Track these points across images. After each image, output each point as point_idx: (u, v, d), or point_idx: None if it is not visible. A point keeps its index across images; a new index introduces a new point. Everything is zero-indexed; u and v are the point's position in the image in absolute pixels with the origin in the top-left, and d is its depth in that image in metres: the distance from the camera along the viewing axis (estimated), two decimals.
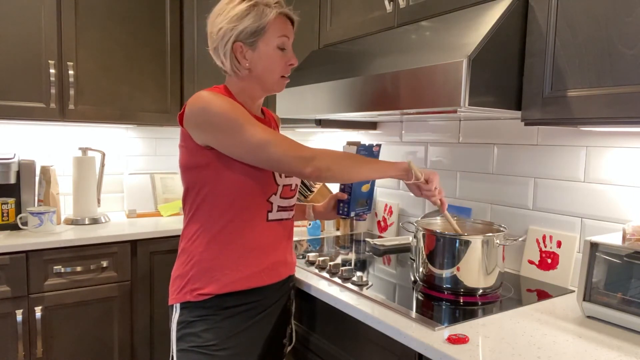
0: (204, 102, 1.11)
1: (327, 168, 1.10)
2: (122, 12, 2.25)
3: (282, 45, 1.21)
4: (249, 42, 1.18)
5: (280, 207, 1.26)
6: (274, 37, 1.19)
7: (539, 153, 1.52)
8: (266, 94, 1.28)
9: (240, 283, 1.19)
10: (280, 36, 1.20)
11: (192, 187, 1.20)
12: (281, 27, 1.20)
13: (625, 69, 0.99)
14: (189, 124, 1.14)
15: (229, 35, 1.17)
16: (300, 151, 1.10)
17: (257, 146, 1.09)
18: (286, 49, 1.23)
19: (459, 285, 1.29)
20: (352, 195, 1.41)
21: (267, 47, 1.19)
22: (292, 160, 1.09)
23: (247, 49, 1.19)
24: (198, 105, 1.11)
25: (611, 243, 1.09)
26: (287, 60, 1.23)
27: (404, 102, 1.26)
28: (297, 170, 1.10)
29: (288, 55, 1.23)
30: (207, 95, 1.12)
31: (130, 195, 2.53)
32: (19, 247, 1.82)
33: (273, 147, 1.08)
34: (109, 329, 2.05)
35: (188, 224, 1.22)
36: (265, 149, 1.09)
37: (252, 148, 1.09)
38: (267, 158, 1.09)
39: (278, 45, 1.20)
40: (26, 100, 2.03)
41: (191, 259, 1.19)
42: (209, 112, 1.10)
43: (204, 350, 1.16)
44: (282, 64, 1.23)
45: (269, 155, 1.09)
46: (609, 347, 0.99)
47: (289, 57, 1.24)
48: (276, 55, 1.21)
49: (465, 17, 1.26)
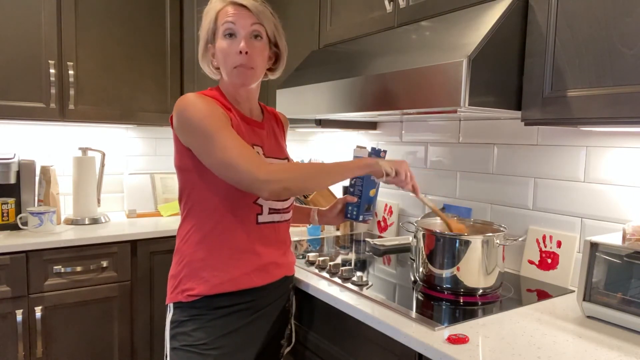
0: (184, 105, 1.10)
1: (284, 188, 1.05)
2: (122, 12, 2.25)
3: (228, 31, 1.15)
4: (212, 41, 1.20)
5: (272, 209, 1.23)
6: (221, 27, 1.16)
7: (539, 153, 1.52)
8: (237, 89, 1.23)
9: (229, 284, 1.18)
10: (223, 23, 1.15)
11: (184, 187, 1.20)
12: (225, 14, 1.16)
13: (625, 69, 0.99)
14: (175, 126, 1.14)
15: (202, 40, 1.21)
16: (257, 173, 1.04)
17: (223, 165, 1.06)
18: (235, 35, 1.16)
19: (459, 285, 1.29)
20: (362, 199, 1.40)
21: (219, 40, 1.18)
22: (250, 183, 1.05)
23: (213, 49, 1.21)
24: (179, 107, 1.11)
25: (611, 243, 1.09)
26: (235, 48, 1.16)
27: (404, 102, 1.26)
28: (256, 194, 1.07)
29: (235, 41, 1.16)
30: (190, 97, 1.12)
31: (130, 195, 2.53)
32: (19, 247, 1.82)
33: (235, 169, 1.04)
34: (109, 329, 2.05)
35: (182, 224, 1.23)
36: (229, 169, 1.05)
37: (218, 165, 1.06)
38: (230, 179, 1.06)
39: (223, 33, 1.16)
40: (26, 100, 2.03)
41: (183, 259, 1.19)
42: (186, 116, 1.09)
43: (194, 349, 1.15)
44: (232, 53, 1.16)
45: (231, 176, 1.06)
46: (609, 347, 0.99)
47: (237, 44, 1.16)
48: (224, 45, 1.16)
49: (465, 17, 1.26)
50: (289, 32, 2.13)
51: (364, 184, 1.40)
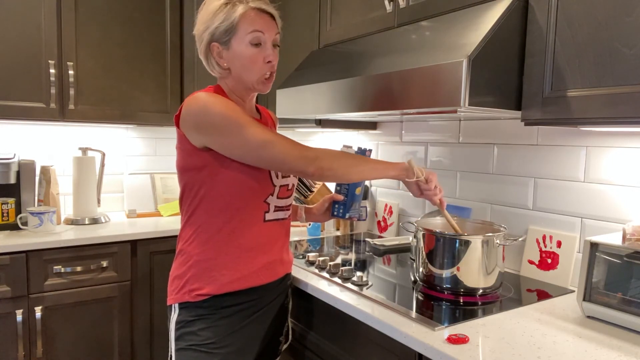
0: (202, 103, 1.10)
1: (330, 167, 1.10)
2: (122, 11, 2.25)
3: (256, 41, 1.16)
4: (223, 42, 1.17)
5: (277, 207, 1.26)
6: (245, 34, 1.15)
7: (539, 153, 1.52)
8: (252, 93, 1.25)
9: (238, 283, 1.19)
10: (251, 32, 1.15)
11: (189, 188, 1.20)
12: (253, 22, 1.15)
13: (625, 69, 0.99)
14: (186, 125, 1.13)
15: (203, 36, 1.19)
16: (303, 151, 1.09)
17: (259, 146, 1.08)
18: (262, 44, 1.17)
19: (459, 285, 1.29)
20: (348, 197, 1.42)
21: (240, 45, 1.16)
22: (295, 159, 1.08)
23: (222, 49, 1.18)
24: (196, 107, 1.10)
25: (611, 243, 1.09)
26: (264, 57, 1.18)
27: (404, 102, 1.26)
28: (300, 170, 1.09)
29: (264, 51, 1.18)
30: (204, 96, 1.11)
31: (130, 195, 2.53)
32: (19, 247, 1.82)
33: (276, 147, 1.08)
34: (109, 329, 2.05)
35: (185, 225, 1.22)
36: (268, 148, 1.08)
37: (254, 148, 1.08)
38: (270, 158, 1.09)
39: (251, 42, 1.16)
40: (26, 100, 2.03)
41: (189, 259, 1.19)
42: (208, 113, 1.09)
43: (202, 348, 1.16)
44: (259, 62, 1.18)
45: (272, 155, 1.08)
46: (609, 347, 0.99)
47: (265, 53, 1.18)
48: (250, 53, 1.16)
49: (465, 17, 1.26)
50: (289, 32, 2.13)
51: (350, 183, 1.41)
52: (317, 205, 1.50)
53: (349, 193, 1.42)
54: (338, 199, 1.43)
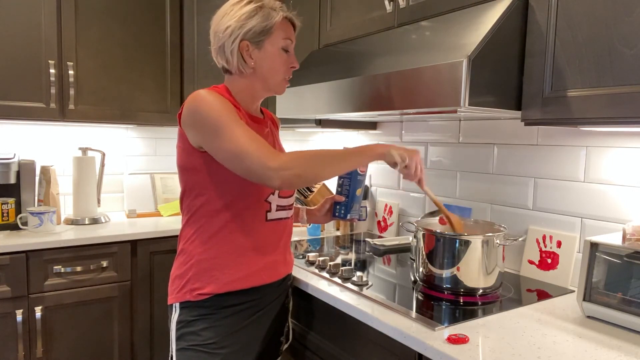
0: (197, 102, 1.11)
1: (296, 175, 1.05)
2: (122, 11, 2.25)
3: (286, 47, 1.24)
4: (256, 42, 1.20)
5: (279, 206, 1.26)
6: (279, 39, 1.22)
7: (539, 153, 1.52)
8: (268, 94, 1.29)
9: (240, 282, 1.19)
10: (285, 38, 1.23)
11: (189, 188, 1.20)
12: (286, 30, 1.24)
13: (625, 69, 0.99)
14: (185, 123, 1.14)
15: (237, 33, 1.19)
16: (269, 161, 1.04)
17: (234, 155, 1.06)
18: (289, 51, 1.26)
19: (459, 285, 1.29)
20: (349, 198, 1.42)
21: (273, 48, 1.22)
22: (261, 172, 1.04)
23: (254, 48, 1.20)
24: (192, 105, 1.12)
25: (611, 243, 1.09)
26: (290, 63, 1.26)
27: (404, 102, 1.26)
28: (268, 183, 1.06)
29: (291, 58, 1.27)
30: (203, 94, 1.12)
31: (130, 195, 2.53)
32: (19, 247, 1.82)
33: (248, 158, 1.05)
34: (109, 329, 2.05)
35: (186, 224, 1.22)
36: (241, 158, 1.05)
37: (230, 156, 1.07)
38: (242, 168, 1.06)
39: (283, 47, 1.23)
40: (26, 100, 2.03)
41: (190, 259, 1.19)
42: (199, 112, 1.10)
43: (203, 348, 1.16)
44: (286, 66, 1.26)
45: (243, 166, 1.06)
46: (609, 347, 0.99)
47: (291, 60, 1.27)
48: (281, 56, 1.24)
49: (465, 17, 1.26)
50: None
51: (351, 184, 1.42)
52: (318, 207, 1.50)
53: (349, 194, 1.42)
54: (339, 200, 1.44)
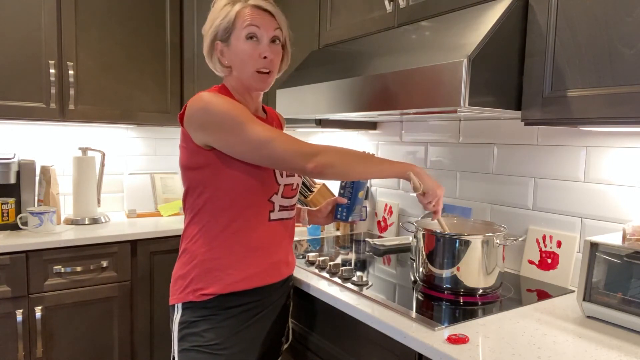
0: (205, 102, 1.11)
1: (330, 164, 1.08)
2: (122, 11, 2.25)
3: (251, 34, 1.17)
4: (224, 39, 1.19)
5: (282, 206, 1.26)
6: (240, 29, 1.16)
7: (539, 153, 1.52)
8: (252, 91, 1.25)
9: (244, 283, 1.19)
10: (247, 26, 1.16)
11: (193, 187, 1.19)
12: (248, 17, 1.16)
13: (625, 69, 0.99)
14: (190, 124, 1.13)
15: (210, 36, 1.20)
16: (303, 147, 1.08)
17: (260, 144, 1.08)
18: (258, 38, 1.18)
19: (459, 285, 1.29)
20: (352, 200, 1.41)
21: (238, 41, 1.18)
22: (294, 156, 1.07)
23: (224, 47, 1.20)
24: (199, 106, 1.11)
25: (611, 243, 1.09)
26: (259, 53, 1.18)
27: (404, 102, 1.26)
28: (299, 167, 1.08)
29: (260, 46, 1.18)
30: (208, 95, 1.13)
31: (130, 195, 2.53)
32: (19, 247, 1.82)
33: (275, 144, 1.07)
34: (109, 329, 2.05)
35: (189, 224, 1.22)
36: (268, 146, 1.08)
37: (255, 146, 1.08)
38: (269, 155, 1.08)
39: (247, 35, 1.16)
40: (26, 100, 2.03)
41: (193, 259, 1.19)
42: (210, 112, 1.10)
43: (206, 349, 1.16)
44: (254, 56, 1.18)
45: (271, 152, 1.08)
46: (609, 347, 0.99)
47: (261, 48, 1.18)
48: (246, 46, 1.17)
49: (465, 17, 1.26)
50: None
51: (354, 186, 1.41)
52: (320, 208, 1.50)
53: (352, 196, 1.41)
54: (342, 202, 1.43)
